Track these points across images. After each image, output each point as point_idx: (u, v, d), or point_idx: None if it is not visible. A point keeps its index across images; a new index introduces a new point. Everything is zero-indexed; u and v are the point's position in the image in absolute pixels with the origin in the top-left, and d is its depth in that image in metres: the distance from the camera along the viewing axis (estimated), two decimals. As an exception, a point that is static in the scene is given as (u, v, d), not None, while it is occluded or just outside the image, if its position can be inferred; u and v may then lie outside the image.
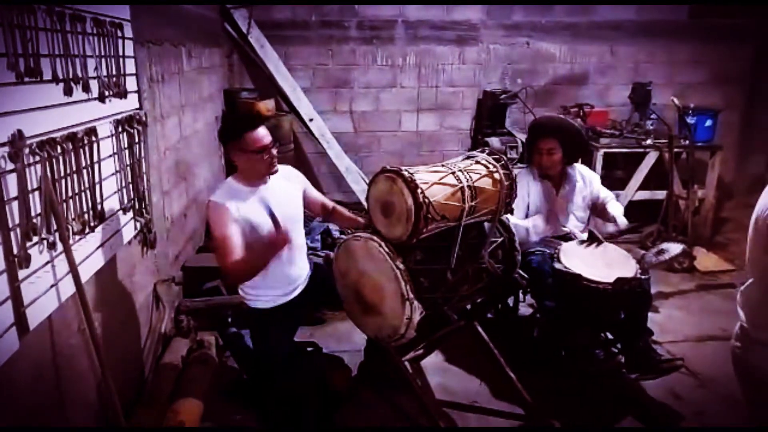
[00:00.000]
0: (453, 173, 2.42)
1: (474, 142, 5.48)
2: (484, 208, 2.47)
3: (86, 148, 2.10)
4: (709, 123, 5.02)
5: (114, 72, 2.36)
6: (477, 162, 2.56)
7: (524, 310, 3.54)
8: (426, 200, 2.23)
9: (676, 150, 4.71)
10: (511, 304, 3.44)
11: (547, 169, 3.20)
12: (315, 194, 2.81)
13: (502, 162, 2.54)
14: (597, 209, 3.29)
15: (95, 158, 2.17)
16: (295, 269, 2.65)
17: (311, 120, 5.09)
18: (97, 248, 2.23)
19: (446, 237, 2.43)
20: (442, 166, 2.51)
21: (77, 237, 2.05)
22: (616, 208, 3.18)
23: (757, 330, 1.76)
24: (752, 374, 1.81)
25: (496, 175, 2.49)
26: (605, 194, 3.33)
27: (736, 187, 5.87)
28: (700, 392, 2.96)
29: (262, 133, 2.46)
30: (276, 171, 2.53)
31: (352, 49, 5.31)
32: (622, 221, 3.11)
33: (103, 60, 2.26)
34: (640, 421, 2.72)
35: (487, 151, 2.64)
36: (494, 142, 4.93)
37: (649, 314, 3.04)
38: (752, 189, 5.64)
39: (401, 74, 5.43)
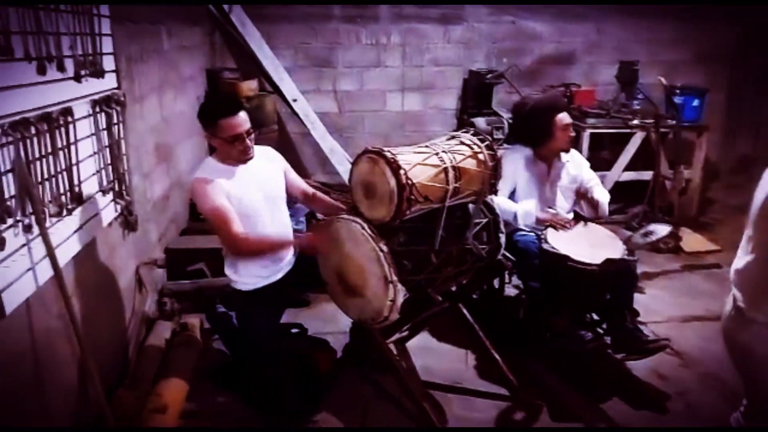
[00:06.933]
0: (436, 154, 2.39)
1: (459, 123, 5.42)
2: (468, 189, 2.45)
3: (62, 129, 2.06)
4: (696, 103, 5.01)
5: (90, 51, 2.29)
6: (461, 142, 2.53)
7: (510, 291, 3.55)
8: (409, 181, 2.21)
9: (662, 130, 4.71)
10: (496, 286, 3.44)
11: (568, 144, 3.16)
12: (295, 178, 2.75)
13: (487, 142, 2.52)
14: (581, 194, 3.24)
15: (71, 139, 2.13)
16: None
17: (295, 100, 5.01)
18: (76, 231, 2.19)
19: (430, 218, 2.41)
20: (426, 146, 2.48)
21: (54, 219, 2.01)
22: (601, 195, 3.14)
23: (755, 309, 1.73)
24: (750, 354, 1.77)
25: (481, 156, 2.46)
26: (593, 180, 3.28)
27: (722, 167, 5.88)
28: (684, 372, 2.99)
29: (238, 121, 2.37)
30: (251, 158, 2.48)
31: (336, 27, 5.21)
32: (604, 211, 3.11)
33: (79, 38, 2.19)
34: (625, 401, 2.74)
35: (471, 132, 2.61)
36: (480, 122, 4.88)
37: (635, 295, 3.05)
38: (738, 169, 5.67)
39: (385, 53, 5.35)
